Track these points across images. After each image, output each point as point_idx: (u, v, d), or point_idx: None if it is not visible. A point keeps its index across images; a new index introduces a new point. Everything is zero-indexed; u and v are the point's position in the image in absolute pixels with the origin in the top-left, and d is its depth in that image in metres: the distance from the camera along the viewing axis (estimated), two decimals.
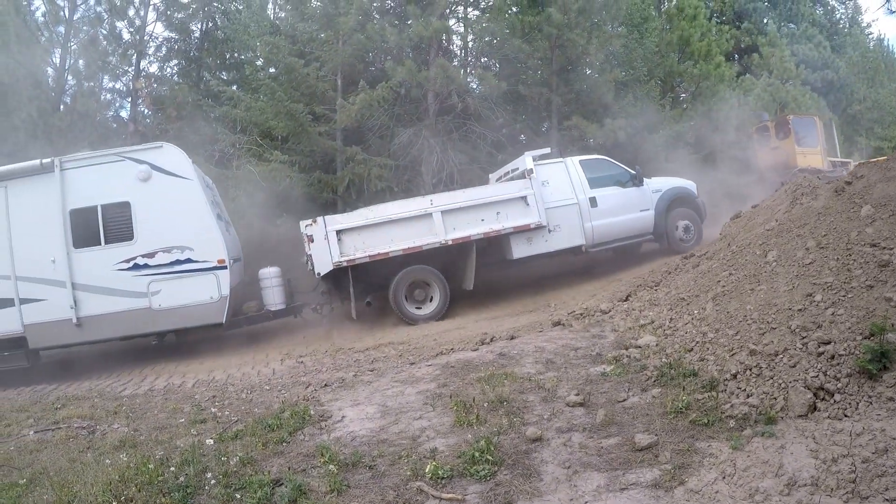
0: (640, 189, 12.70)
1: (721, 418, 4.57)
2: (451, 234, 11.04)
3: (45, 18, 20.29)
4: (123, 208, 10.55)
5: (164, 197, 10.60)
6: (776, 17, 28.91)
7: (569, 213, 11.87)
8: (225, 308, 10.70)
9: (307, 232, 10.87)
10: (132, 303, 10.44)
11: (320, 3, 18.86)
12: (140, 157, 10.70)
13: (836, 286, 5.33)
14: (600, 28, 18.88)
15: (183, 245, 10.56)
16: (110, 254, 10.48)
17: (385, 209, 11.21)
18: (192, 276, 10.58)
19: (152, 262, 10.50)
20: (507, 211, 11.38)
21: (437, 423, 5.26)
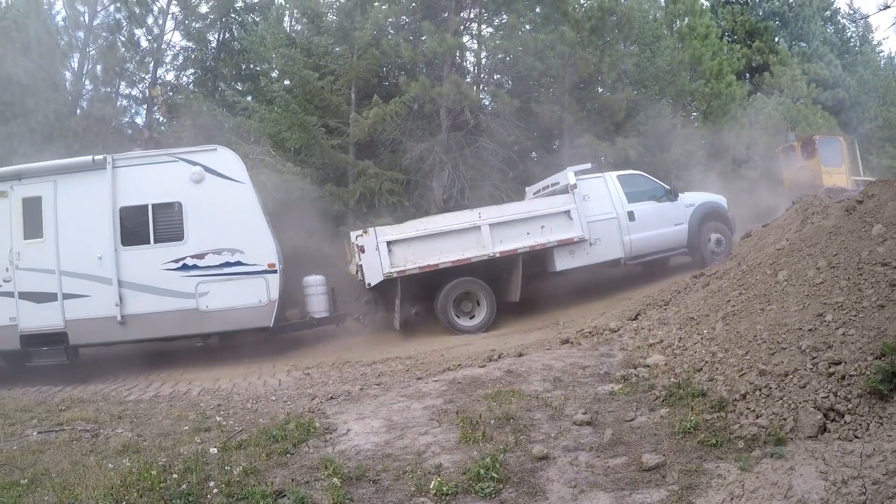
0: (675, 203, 12.97)
1: (730, 439, 4.52)
2: (498, 247, 11.23)
3: (65, 23, 20.74)
4: (175, 208, 10.68)
5: (217, 199, 10.70)
6: (787, 36, 28.94)
7: (608, 226, 12.13)
8: (273, 312, 10.76)
9: (358, 242, 11.00)
10: (179, 303, 10.50)
11: (336, 18, 19.06)
12: (194, 158, 10.80)
13: (846, 306, 5.29)
14: (613, 47, 18.94)
15: (234, 248, 10.64)
16: (159, 253, 10.57)
17: (435, 221, 11.48)
18: (241, 279, 10.65)
19: (202, 263, 10.57)
20: (552, 224, 11.63)
21: (442, 438, 5.23)
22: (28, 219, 10.58)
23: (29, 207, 10.61)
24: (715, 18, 25.70)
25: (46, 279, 10.43)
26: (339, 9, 19.27)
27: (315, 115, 16.67)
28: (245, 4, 23.77)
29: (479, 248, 11.17)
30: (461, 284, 11.29)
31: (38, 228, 10.55)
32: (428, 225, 11.32)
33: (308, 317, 11.84)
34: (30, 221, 10.57)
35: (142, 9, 21.25)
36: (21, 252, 10.49)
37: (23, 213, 10.58)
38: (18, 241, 10.52)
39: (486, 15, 19.87)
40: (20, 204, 10.60)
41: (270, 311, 10.74)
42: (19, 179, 10.67)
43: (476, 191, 16.93)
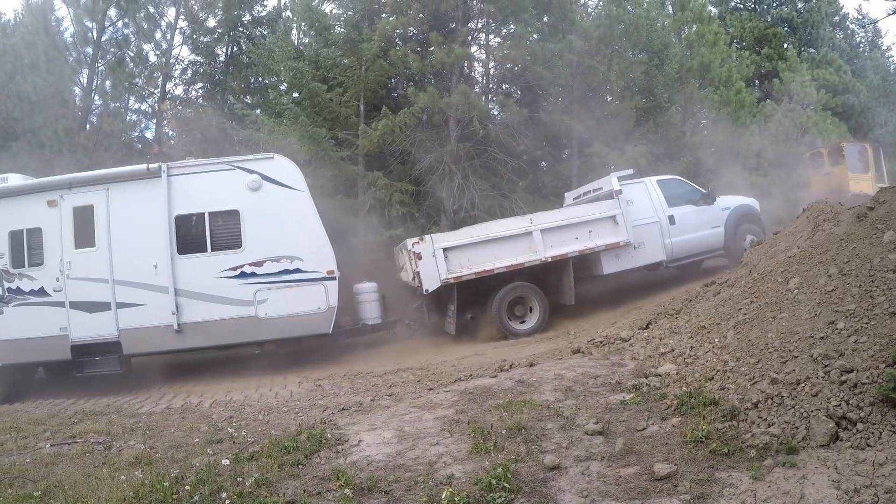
0: (712, 207, 13.19)
1: (742, 448, 4.50)
2: (549, 252, 11.47)
3: (74, 39, 20.93)
4: (232, 216, 10.74)
5: (275, 207, 10.77)
6: (796, 42, 28.85)
7: (651, 230, 12.43)
8: (333, 318, 10.85)
9: (415, 249, 11.14)
10: (237, 311, 10.57)
11: (343, 30, 19.20)
12: (250, 166, 10.87)
13: (858, 313, 5.27)
14: (621, 55, 18.98)
15: (292, 255, 10.71)
16: (217, 261, 10.64)
17: (488, 228, 11.67)
18: (300, 286, 10.71)
19: (260, 271, 10.64)
20: (599, 229, 11.91)
21: (454, 449, 5.23)
22: (79, 228, 10.64)
23: (80, 216, 10.67)
24: (723, 25, 25.69)
25: (99, 288, 10.48)
26: (347, 21, 19.40)
27: (324, 127, 16.78)
28: (253, 18, 23.98)
29: (531, 253, 11.42)
30: (515, 289, 11.50)
31: (90, 237, 10.61)
32: (482, 231, 11.54)
33: (361, 323, 11.89)
34: (81, 230, 10.63)
35: (150, 24, 21.50)
36: (72, 261, 10.54)
37: (74, 222, 10.64)
38: (69, 250, 10.57)
39: (494, 25, 19.94)
40: (71, 213, 10.66)
41: (330, 317, 10.83)
42: (69, 188, 10.74)
43: (486, 201, 16.95)
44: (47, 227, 10.66)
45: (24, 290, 10.59)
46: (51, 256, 10.60)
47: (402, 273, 12.26)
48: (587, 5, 21.48)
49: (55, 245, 10.60)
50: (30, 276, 10.60)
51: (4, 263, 10.66)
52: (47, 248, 10.64)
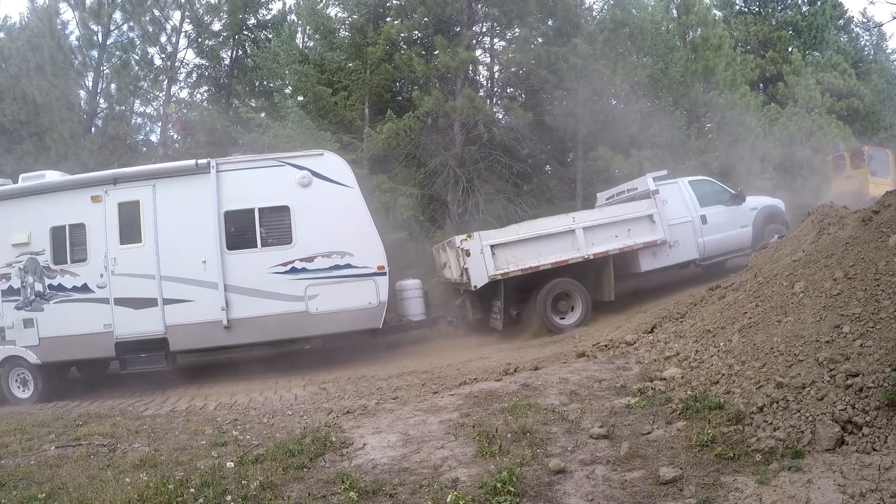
0: (741, 207, 13.51)
1: (747, 452, 4.50)
2: (591, 249, 11.74)
3: (79, 42, 21.11)
4: (282, 212, 10.79)
5: (325, 203, 10.83)
6: (801, 46, 28.73)
7: (685, 229, 12.77)
8: (383, 313, 10.89)
9: (463, 246, 11.29)
10: (288, 306, 10.60)
11: (348, 34, 19.24)
12: (300, 163, 10.93)
13: (864, 317, 5.25)
14: (626, 58, 18.99)
15: (343, 250, 10.75)
16: (267, 256, 10.68)
17: (534, 226, 11.97)
18: (351, 281, 10.77)
19: (311, 267, 10.68)
20: (637, 228, 12.26)
21: (459, 452, 5.24)
22: (125, 223, 10.65)
23: (126, 212, 10.69)
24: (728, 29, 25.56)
25: (145, 284, 10.48)
26: (352, 25, 19.45)
27: (329, 130, 16.83)
28: (258, 21, 24.08)
29: (574, 250, 11.69)
30: (559, 285, 11.71)
31: (135, 233, 10.63)
32: (527, 229, 11.80)
33: (405, 320, 11.97)
34: (127, 226, 10.64)
35: (155, 27, 21.59)
36: (117, 257, 10.56)
37: (119, 218, 10.65)
38: (114, 246, 10.60)
39: (499, 28, 20.00)
40: (116, 208, 10.68)
41: (380, 312, 10.87)
42: (114, 184, 10.77)
43: (491, 204, 16.96)
44: (91, 222, 10.67)
45: (66, 287, 10.59)
46: (95, 252, 10.60)
47: (446, 271, 12.57)
48: (592, 9, 21.54)
49: (99, 241, 10.60)
50: (72, 273, 10.60)
51: (45, 260, 10.65)
52: (91, 244, 10.64)
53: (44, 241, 10.68)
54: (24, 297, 10.64)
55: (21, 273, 10.65)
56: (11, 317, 10.63)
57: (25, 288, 10.64)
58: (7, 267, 10.72)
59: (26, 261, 10.67)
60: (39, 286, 10.63)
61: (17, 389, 10.64)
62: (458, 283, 12.09)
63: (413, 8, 17.90)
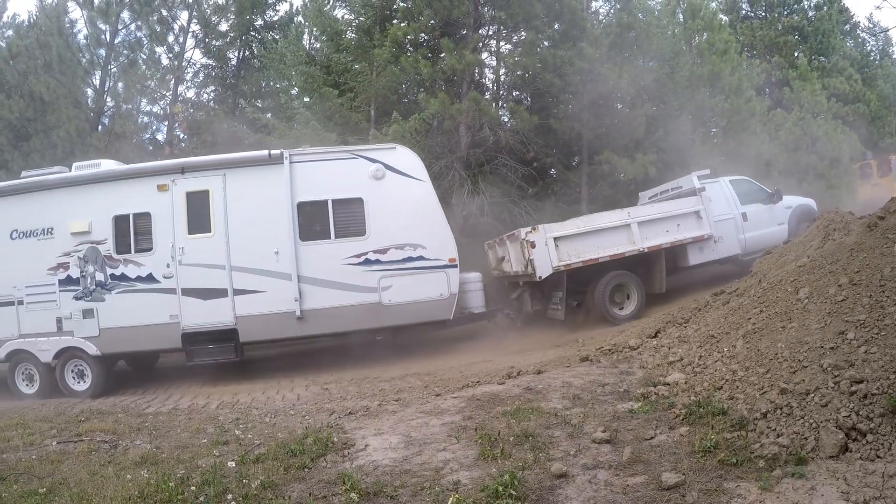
0: (777, 205, 13.98)
1: (750, 458, 4.47)
2: (646, 243, 12.16)
3: (87, 41, 21.26)
4: (356, 204, 10.86)
5: (398, 196, 10.96)
6: (807, 51, 28.66)
7: (728, 226, 13.24)
8: (454, 305, 11.00)
9: (529, 238, 11.60)
10: (361, 297, 10.68)
11: (355, 35, 19.24)
12: (373, 156, 11.05)
13: (869, 323, 5.23)
14: (631, 62, 18.91)
15: (416, 243, 10.89)
16: (340, 248, 10.74)
17: (592, 220, 12.44)
18: (423, 273, 10.90)
19: (384, 258, 10.81)
20: (685, 223, 12.67)
21: (460, 455, 5.23)
22: (193, 213, 10.63)
23: (194, 201, 10.67)
24: (734, 34, 25.50)
25: (215, 275, 10.47)
26: (359, 26, 19.43)
27: (335, 131, 16.81)
28: (265, 23, 24.18)
29: (630, 243, 12.09)
30: (616, 277, 12.15)
31: (205, 223, 10.61)
32: (587, 223, 12.26)
33: (466, 312, 12.00)
34: (195, 216, 10.62)
35: (162, 27, 21.71)
36: (185, 247, 10.53)
37: (187, 207, 10.63)
38: (182, 235, 10.57)
39: (505, 31, 19.98)
40: (184, 198, 10.65)
41: (451, 304, 11.02)
42: (182, 173, 10.75)
43: (495, 207, 16.94)
44: (157, 212, 10.65)
45: (130, 277, 10.55)
46: (161, 242, 10.57)
47: (504, 264, 12.89)
48: (598, 13, 21.48)
49: (166, 230, 10.58)
50: (136, 262, 10.57)
51: (107, 249, 10.60)
52: (157, 233, 10.62)
53: (106, 230, 10.63)
54: (83, 286, 10.55)
55: (81, 262, 10.58)
56: (70, 307, 10.54)
57: (85, 277, 10.56)
58: (65, 256, 10.63)
59: (86, 250, 10.60)
60: (100, 276, 10.56)
61: (73, 382, 10.54)
62: (518, 276, 12.42)
63: (420, 10, 17.86)
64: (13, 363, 10.56)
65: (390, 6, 19.18)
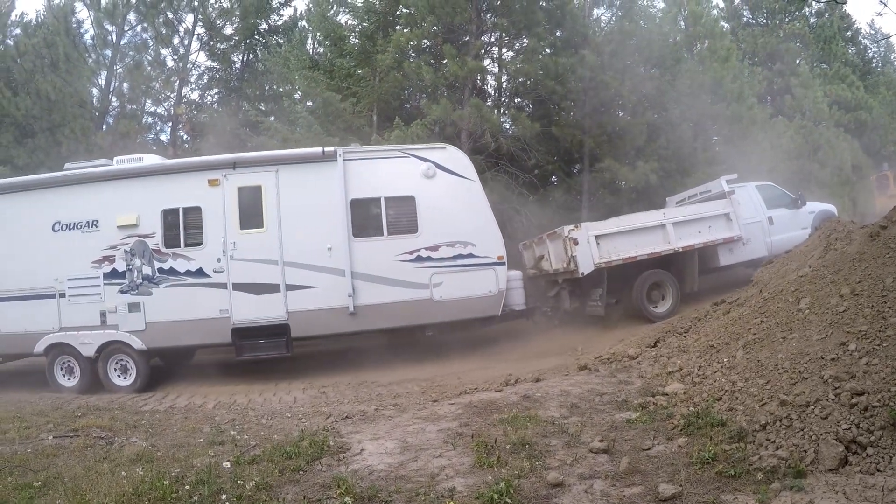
0: (801, 210, 14.31)
1: (749, 470, 4.43)
2: (680, 243, 12.50)
3: (93, 41, 21.40)
4: (408, 202, 10.98)
5: (448, 194, 11.10)
6: (809, 58, 28.61)
7: (755, 229, 13.53)
8: (502, 301, 11.19)
9: (572, 235, 11.87)
10: (413, 293, 10.79)
11: (358, 41, 19.29)
12: (424, 155, 11.19)
13: (870, 335, 5.20)
14: (633, 70, 18.94)
15: (466, 240, 11.00)
16: (393, 245, 10.85)
17: (631, 219, 12.79)
18: (473, 270, 11.01)
19: (435, 255, 10.92)
20: (716, 225, 12.99)
21: (456, 462, 5.19)
22: (245, 208, 10.65)
23: (246, 196, 10.70)
24: (735, 41, 25.49)
25: (267, 270, 10.49)
26: (362, 32, 19.50)
27: (337, 136, 16.77)
28: (269, 27, 24.30)
29: (665, 243, 12.45)
30: (653, 275, 12.48)
31: (257, 218, 10.64)
32: (626, 222, 12.62)
33: (508, 309, 11.99)
34: (247, 211, 10.65)
35: (168, 29, 21.84)
36: (237, 242, 10.53)
37: (239, 203, 10.65)
38: (233, 230, 10.58)
39: (507, 38, 19.99)
40: (236, 193, 10.67)
41: (499, 300, 11.14)
42: (233, 168, 10.77)
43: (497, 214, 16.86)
44: (208, 206, 10.64)
45: (179, 271, 10.52)
46: (212, 237, 10.56)
47: (543, 263, 13.14)
48: (600, 20, 21.44)
49: (217, 225, 10.57)
50: (186, 257, 10.54)
51: (155, 243, 10.56)
52: (207, 227, 10.61)
53: (154, 223, 10.59)
54: (129, 280, 10.49)
55: (127, 256, 10.52)
56: (115, 300, 10.47)
57: (132, 271, 10.51)
58: (111, 249, 10.58)
59: (133, 243, 10.55)
60: (148, 269, 10.52)
61: (117, 376, 10.49)
62: (558, 274, 12.65)
63: (422, 17, 17.87)
64: (52, 356, 10.49)
65: (393, 12, 19.22)
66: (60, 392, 10.15)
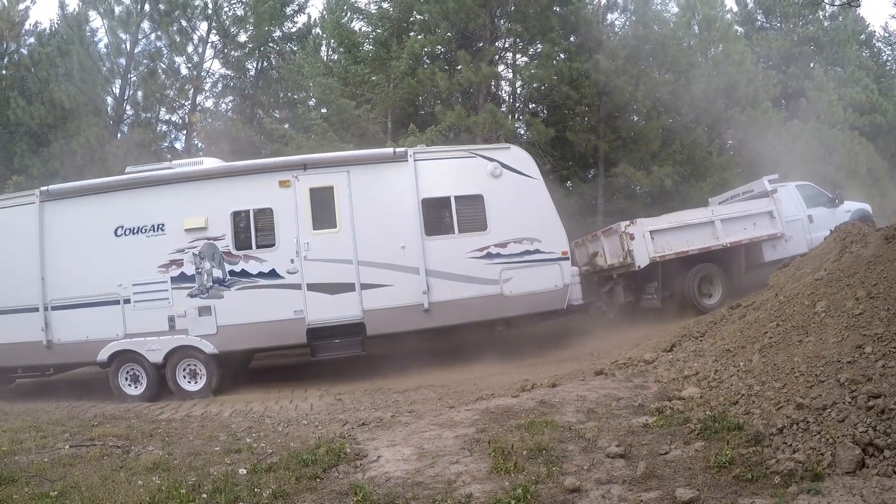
0: (839, 209, 14.61)
1: (766, 474, 4.42)
2: (727, 238, 13.06)
3: (108, 50, 21.47)
4: (476, 200, 11.12)
5: (514, 193, 11.23)
6: (823, 61, 28.43)
7: (797, 226, 14.01)
8: (567, 295, 11.35)
9: (629, 231, 12.49)
10: (484, 289, 10.91)
11: (372, 47, 19.39)
12: (490, 155, 11.35)
13: (886, 337, 5.19)
14: (647, 75, 18.93)
15: (532, 237, 11.16)
16: (463, 242, 10.98)
17: (682, 216, 13.36)
18: (540, 266, 11.15)
19: (504, 252, 11.06)
20: (760, 222, 13.53)
21: (473, 468, 5.20)
22: (318, 209, 10.71)
23: (318, 197, 10.76)
24: (749, 45, 25.40)
25: (342, 270, 10.56)
26: (376, 38, 19.61)
27: (352, 143, 16.88)
28: (283, 34, 24.37)
29: (714, 238, 13.02)
30: (704, 269, 13.00)
31: (330, 218, 10.71)
32: (677, 218, 13.20)
33: (568, 304, 12.07)
34: (320, 211, 10.71)
35: (182, 37, 21.92)
36: (310, 242, 10.59)
37: (311, 203, 10.72)
38: (306, 231, 10.63)
39: (521, 44, 20.06)
40: (307, 193, 10.74)
41: (565, 294, 11.29)
42: (304, 169, 10.86)
43: None
44: (279, 207, 10.67)
45: (251, 273, 10.53)
46: (284, 238, 10.59)
47: (598, 259, 13.66)
48: (614, 25, 21.49)
49: (289, 226, 10.60)
50: (258, 258, 10.55)
51: (226, 245, 10.56)
52: (279, 229, 10.63)
53: (224, 226, 10.59)
54: (199, 283, 10.47)
55: (196, 259, 10.51)
56: (183, 305, 10.42)
57: (202, 274, 10.48)
58: (179, 253, 10.54)
59: (203, 246, 10.53)
60: (219, 272, 10.51)
61: (186, 382, 10.46)
62: (613, 269, 13.11)
63: (436, 23, 17.99)
64: (117, 364, 10.44)
65: (407, 19, 19.34)
66: (126, 401, 10.11)
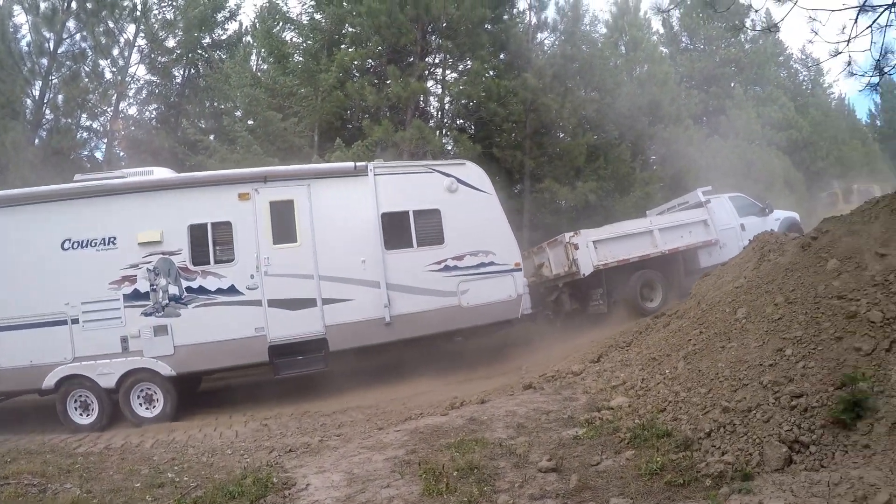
0: (769, 217, 15.43)
1: (697, 477, 4.46)
2: (666, 246, 13.68)
3: (30, 49, 19.77)
4: (434, 215, 11.16)
5: (469, 207, 11.35)
6: (743, 81, 29.79)
7: (730, 234, 14.70)
8: (520, 305, 11.50)
9: (573, 241, 12.92)
10: (443, 301, 10.90)
11: (302, 59, 19.12)
12: (446, 170, 11.48)
13: (805, 340, 5.33)
14: (574, 93, 19.32)
15: (487, 250, 11.29)
16: (422, 255, 10.95)
17: (622, 226, 13.98)
18: (495, 277, 11.29)
19: (461, 264, 11.14)
20: (696, 230, 14.28)
21: (405, 491, 5.07)
22: (278, 222, 10.30)
23: (278, 211, 10.35)
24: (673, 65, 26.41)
25: (303, 285, 10.20)
26: (306, 50, 19.34)
27: (277, 156, 16.52)
28: (213, 41, 23.67)
29: (653, 247, 13.62)
30: (645, 275, 13.49)
31: (290, 232, 10.33)
32: (618, 228, 13.76)
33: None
34: (280, 225, 10.31)
35: (108, 39, 20.76)
36: (270, 257, 10.13)
37: (271, 217, 10.30)
38: (266, 245, 10.17)
39: (451, 60, 20.11)
40: (267, 207, 10.31)
41: (518, 304, 11.45)
42: (264, 182, 10.44)
43: None
44: (239, 221, 10.17)
45: (209, 289, 9.92)
46: (244, 252, 10.08)
47: (544, 270, 14.07)
48: (543, 44, 21.81)
49: (249, 240, 10.12)
50: (216, 274, 9.96)
51: (183, 260, 9.91)
52: (239, 243, 10.11)
53: (181, 239, 9.96)
54: (154, 301, 9.75)
55: (150, 275, 9.81)
56: (137, 324, 9.67)
57: (157, 291, 9.79)
58: (132, 268, 9.80)
59: (157, 261, 9.85)
60: (175, 289, 9.84)
61: (141, 407, 9.71)
62: (559, 278, 13.57)
63: (368, 37, 17.88)
64: (65, 390, 9.61)
65: (339, 31, 19.17)
66: (75, 432, 9.37)
